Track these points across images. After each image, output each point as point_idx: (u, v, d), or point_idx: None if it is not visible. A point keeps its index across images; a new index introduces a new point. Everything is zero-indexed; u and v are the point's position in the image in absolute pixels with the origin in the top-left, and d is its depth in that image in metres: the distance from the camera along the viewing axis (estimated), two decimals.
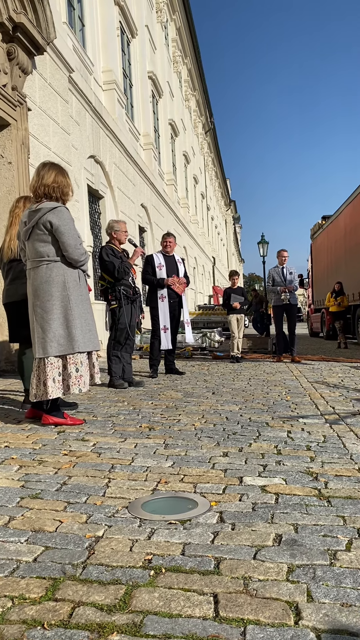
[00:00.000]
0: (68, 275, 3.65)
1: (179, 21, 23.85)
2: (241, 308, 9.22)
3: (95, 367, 3.86)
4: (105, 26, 12.29)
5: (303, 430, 3.62)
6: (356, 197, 14.17)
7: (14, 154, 6.93)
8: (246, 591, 1.56)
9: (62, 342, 3.61)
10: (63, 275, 3.63)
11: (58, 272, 3.63)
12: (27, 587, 1.59)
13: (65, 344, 3.62)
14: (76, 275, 3.71)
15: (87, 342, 3.69)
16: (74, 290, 3.65)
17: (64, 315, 3.61)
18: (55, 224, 3.58)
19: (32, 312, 3.70)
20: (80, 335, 3.63)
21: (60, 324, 3.61)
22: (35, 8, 7.15)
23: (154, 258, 7.04)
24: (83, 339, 3.65)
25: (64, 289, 3.62)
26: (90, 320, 3.77)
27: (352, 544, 1.86)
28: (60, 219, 3.60)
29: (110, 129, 11.97)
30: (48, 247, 3.62)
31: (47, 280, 3.62)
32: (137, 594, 1.54)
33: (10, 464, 2.84)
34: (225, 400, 4.98)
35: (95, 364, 3.86)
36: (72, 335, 3.61)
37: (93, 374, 3.86)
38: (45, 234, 3.61)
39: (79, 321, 3.63)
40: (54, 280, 3.62)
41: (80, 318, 3.65)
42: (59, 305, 3.61)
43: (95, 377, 3.87)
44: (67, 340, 3.61)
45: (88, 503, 2.27)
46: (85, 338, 3.68)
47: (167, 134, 20.98)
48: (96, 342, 3.81)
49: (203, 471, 2.70)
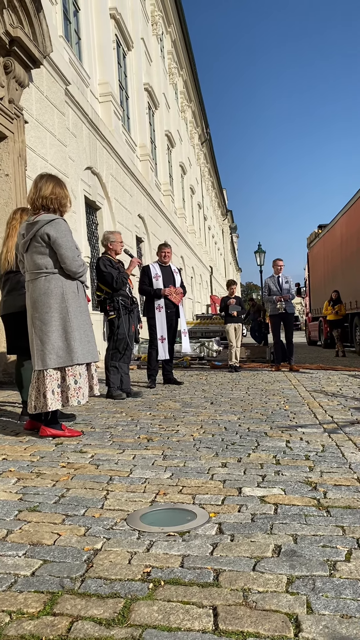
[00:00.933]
0: (66, 287, 3.65)
1: (175, 34, 24.08)
2: (239, 317, 9.22)
3: (94, 379, 3.85)
4: (101, 39, 12.40)
5: (302, 440, 3.61)
6: (352, 206, 14.25)
7: (11, 166, 6.96)
8: (246, 603, 1.55)
9: (61, 354, 3.60)
10: (61, 287, 3.63)
11: (56, 284, 3.63)
12: (25, 601, 1.58)
13: (64, 356, 3.61)
14: (74, 286, 3.71)
15: (86, 353, 3.68)
16: (73, 302, 3.65)
17: (63, 327, 3.61)
18: (53, 237, 3.58)
19: (31, 324, 3.70)
20: (79, 347, 3.62)
21: (59, 336, 3.60)
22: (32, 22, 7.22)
23: (150, 269, 7.05)
24: (82, 350, 3.65)
25: (62, 300, 3.62)
26: (89, 331, 3.77)
27: (352, 555, 1.85)
28: (58, 231, 3.61)
29: (107, 141, 12.04)
30: (46, 259, 3.63)
31: (46, 292, 3.62)
32: (136, 607, 1.53)
33: (8, 476, 2.83)
34: (223, 410, 4.97)
35: (94, 376, 3.85)
36: (71, 347, 3.60)
37: (92, 385, 3.84)
38: (43, 246, 3.61)
39: (77, 333, 3.63)
40: (53, 292, 3.61)
41: (79, 330, 3.64)
42: (58, 317, 3.60)
43: (94, 388, 3.86)
44: (66, 352, 3.61)
45: (86, 515, 2.26)
46: (84, 349, 3.67)
47: (163, 145, 21.09)
48: (95, 354, 3.80)
49: (202, 482, 2.69)
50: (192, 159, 32.38)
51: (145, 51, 18.15)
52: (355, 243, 13.79)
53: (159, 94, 19.96)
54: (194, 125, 33.13)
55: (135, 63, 16.32)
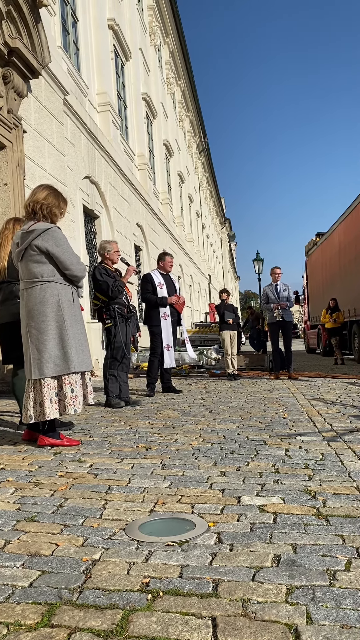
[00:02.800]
0: (62, 295, 3.66)
1: (172, 44, 24.26)
2: (234, 325, 9.22)
3: (88, 388, 3.84)
4: (99, 50, 12.49)
5: (301, 448, 3.60)
6: (350, 214, 14.31)
7: (9, 176, 6.99)
8: (245, 614, 1.53)
9: (58, 363, 3.60)
10: (57, 295, 3.63)
11: (52, 292, 3.63)
12: (22, 613, 1.56)
13: (61, 364, 3.60)
14: (70, 295, 3.72)
15: (82, 362, 3.69)
16: (68, 310, 3.65)
17: (60, 336, 3.60)
18: (49, 247, 3.59)
19: (27, 333, 3.68)
20: (75, 355, 3.62)
21: (56, 344, 3.60)
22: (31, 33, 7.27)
23: (153, 277, 7.06)
24: (78, 359, 3.65)
25: (58, 309, 3.62)
26: (84, 340, 3.77)
27: (352, 564, 1.84)
28: (55, 239, 3.62)
29: (105, 150, 12.09)
30: (41, 268, 3.63)
31: (42, 301, 3.61)
32: (135, 618, 1.52)
33: (6, 486, 2.81)
34: (222, 418, 4.96)
35: (88, 384, 3.84)
36: (67, 355, 3.60)
37: (86, 394, 3.83)
38: (38, 254, 3.61)
39: (74, 341, 3.63)
40: (48, 301, 3.61)
41: (75, 338, 3.65)
42: (54, 326, 3.60)
43: (89, 397, 3.85)
44: (62, 361, 3.60)
45: (85, 525, 2.24)
46: (80, 358, 3.67)
47: (161, 154, 21.19)
48: (89, 362, 3.80)
49: (201, 491, 2.68)
50: (190, 167, 32.52)
51: (143, 61, 18.28)
52: (353, 251, 13.83)
53: (157, 104, 20.09)
54: (192, 135, 33.31)
55: (134, 73, 16.43)
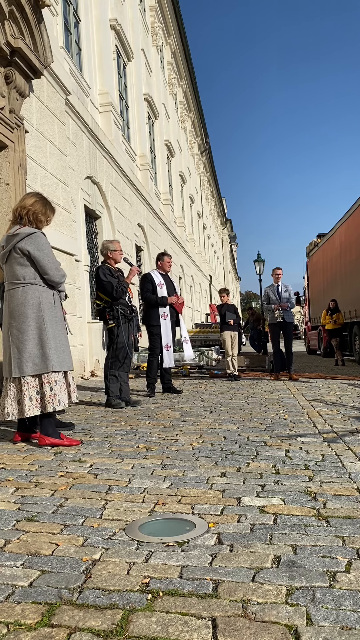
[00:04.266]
0: (43, 297, 3.77)
1: (174, 44, 24.26)
2: (235, 325, 9.21)
3: (71, 386, 3.91)
4: (101, 50, 12.50)
5: (301, 449, 3.60)
6: (351, 215, 14.30)
7: (11, 176, 6.99)
8: (245, 615, 1.53)
9: (37, 362, 3.71)
10: (38, 297, 3.75)
11: (33, 294, 3.74)
12: (22, 612, 1.56)
13: (40, 364, 3.71)
14: (51, 297, 3.82)
15: (61, 362, 3.78)
16: (49, 312, 3.76)
17: (39, 336, 3.72)
18: (31, 251, 3.70)
19: (8, 333, 3.81)
20: (54, 355, 3.72)
21: (35, 344, 3.71)
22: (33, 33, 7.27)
23: (153, 276, 7.07)
24: (57, 358, 3.74)
25: (39, 310, 3.73)
26: (65, 341, 3.88)
27: (352, 565, 1.84)
28: (38, 244, 3.73)
29: (107, 150, 12.10)
30: (24, 270, 3.75)
31: (23, 302, 3.74)
32: (134, 618, 1.52)
33: (7, 486, 2.81)
34: (223, 419, 4.95)
35: (71, 383, 3.92)
36: (46, 355, 3.70)
37: (70, 393, 3.91)
38: (21, 257, 3.74)
39: (53, 342, 3.73)
40: (29, 302, 3.73)
41: (54, 339, 3.75)
42: (34, 327, 3.72)
43: (72, 395, 3.93)
44: (41, 360, 3.71)
45: (85, 525, 2.24)
46: (60, 358, 3.77)
47: (163, 154, 21.19)
48: (70, 363, 3.90)
49: (201, 492, 2.68)
50: (192, 168, 32.53)
51: (145, 62, 18.29)
52: (354, 252, 13.83)
53: (158, 104, 20.09)
54: (194, 135, 33.31)
55: (135, 73, 16.44)
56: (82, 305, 9.89)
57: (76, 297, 9.25)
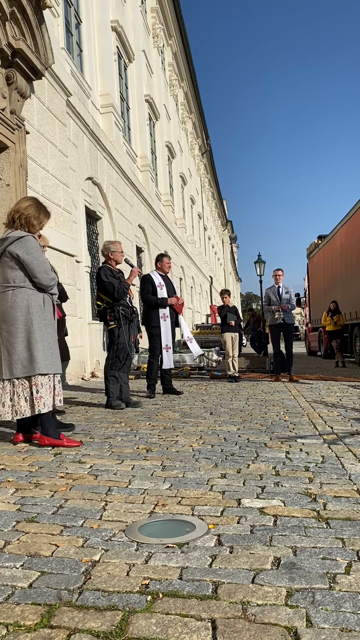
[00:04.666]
0: (32, 300, 3.79)
1: (175, 46, 24.29)
2: (236, 327, 9.22)
3: (55, 390, 3.90)
4: (102, 51, 12.51)
5: (301, 451, 3.60)
6: (352, 217, 14.30)
7: (12, 176, 6.99)
8: (245, 616, 1.53)
9: (26, 364, 3.74)
10: (27, 300, 3.77)
11: (23, 297, 3.77)
12: (22, 613, 1.56)
13: (28, 366, 3.74)
14: (41, 300, 3.83)
15: (49, 364, 3.80)
16: (37, 315, 3.78)
17: (27, 339, 3.74)
18: (20, 254, 3.73)
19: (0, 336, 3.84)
20: (41, 358, 3.74)
21: (24, 347, 3.74)
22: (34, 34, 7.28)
23: (153, 278, 7.07)
24: (45, 361, 3.76)
25: (27, 313, 3.76)
26: (53, 344, 3.89)
27: (352, 567, 1.84)
28: (27, 248, 3.74)
29: (108, 151, 12.11)
30: (14, 274, 3.78)
31: (12, 305, 3.77)
32: (134, 620, 1.52)
33: (6, 486, 2.81)
34: (223, 420, 4.95)
35: (56, 387, 3.91)
36: (33, 357, 3.73)
37: (54, 396, 3.90)
38: (11, 260, 3.77)
39: (41, 344, 3.75)
40: (19, 305, 3.76)
41: (42, 341, 3.76)
42: (23, 329, 3.75)
43: (55, 399, 3.90)
44: (29, 362, 3.74)
45: (85, 526, 2.24)
46: (48, 361, 3.78)
47: (164, 155, 21.21)
48: (58, 366, 3.91)
49: (201, 493, 2.68)
50: (193, 169, 32.54)
51: (146, 63, 18.31)
52: (355, 254, 13.83)
53: (159, 105, 20.11)
54: (195, 136, 33.34)
55: (136, 75, 16.45)
56: (82, 307, 9.90)
57: (77, 298, 9.26)
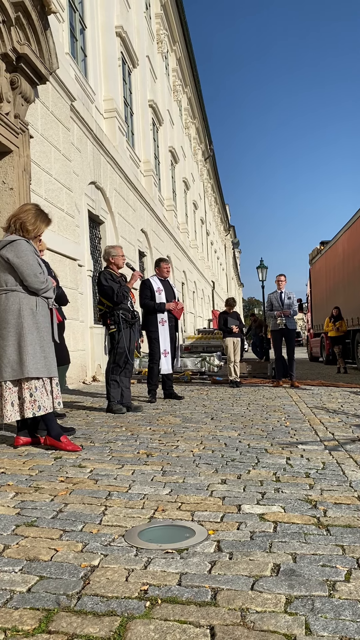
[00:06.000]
0: (24, 303, 3.79)
1: (179, 52, 24.40)
2: (238, 332, 9.22)
3: (53, 393, 3.89)
4: (106, 56, 12.57)
5: (302, 457, 3.59)
6: (354, 223, 14.31)
7: (15, 180, 7.02)
8: (243, 623, 1.53)
9: (15, 367, 3.74)
10: (19, 303, 3.77)
11: (14, 300, 3.77)
12: (20, 618, 1.56)
13: (17, 369, 3.74)
14: (33, 304, 3.82)
15: (40, 368, 3.77)
16: (28, 318, 3.78)
17: (18, 342, 3.74)
18: (10, 258, 3.74)
19: None
20: (31, 362, 3.72)
21: (14, 350, 3.74)
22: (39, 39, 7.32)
23: (152, 282, 7.07)
24: (35, 365, 3.74)
25: (18, 316, 3.76)
26: (47, 347, 3.86)
27: (352, 575, 1.83)
28: (17, 251, 3.75)
29: (111, 156, 12.15)
30: (6, 277, 3.79)
31: (4, 309, 3.78)
32: (132, 626, 1.51)
33: (6, 490, 2.81)
34: (224, 425, 4.95)
35: (54, 391, 3.90)
36: (22, 360, 3.72)
37: (53, 399, 3.89)
38: (4, 264, 3.78)
39: (31, 348, 3.74)
40: (10, 309, 3.77)
41: (32, 345, 3.75)
42: (14, 332, 3.75)
43: (54, 401, 3.91)
44: (18, 366, 3.73)
45: (84, 531, 2.24)
46: (38, 365, 3.76)
47: (167, 160, 21.26)
48: (51, 369, 3.88)
49: (201, 499, 2.67)
50: (196, 174, 32.62)
51: (150, 68, 18.39)
52: (357, 259, 13.82)
53: (163, 111, 20.18)
54: (198, 142, 33.43)
55: (140, 80, 16.52)
56: (84, 310, 9.91)
57: (78, 302, 9.27)
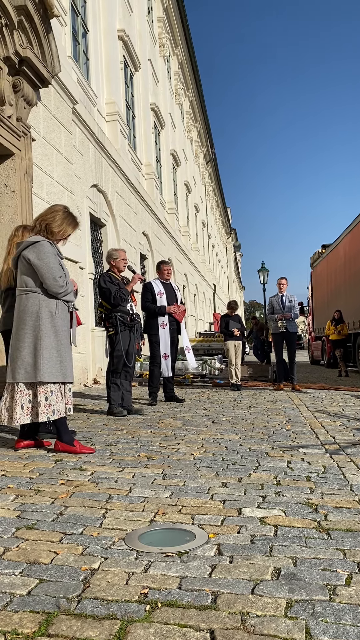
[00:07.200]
0: (43, 306, 3.75)
1: (181, 55, 24.45)
2: (239, 335, 9.22)
3: (65, 398, 3.83)
4: (109, 60, 12.60)
5: (303, 461, 3.58)
6: (356, 226, 14.31)
7: (17, 183, 7.03)
8: (244, 627, 1.52)
9: (29, 370, 3.70)
10: (37, 305, 3.74)
11: (33, 302, 3.75)
12: (20, 621, 1.56)
13: (31, 372, 3.69)
14: (53, 306, 3.78)
15: (55, 372, 3.71)
16: (47, 321, 3.73)
17: (34, 345, 3.70)
18: (31, 259, 3.72)
19: (12, 339, 3.84)
20: (46, 366, 3.67)
21: (29, 353, 3.70)
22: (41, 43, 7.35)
23: (153, 285, 7.08)
24: (50, 369, 3.68)
25: (36, 319, 3.72)
26: (64, 351, 3.81)
27: (352, 579, 1.82)
28: (39, 253, 3.73)
29: (113, 159, 12.17)
30: (27, 278, 3.78)
31: (24, 310, 3.76)
32: (132, 629, 1.51)
33: (7, 493, 2.81)
34: (225, 429, 4.94)
35: (66, 395, 3.85)
36: (37, 364, 3.68)
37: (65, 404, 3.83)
38: (25, 265, 3.77)
39: (47, 352, 3.68)
40: (29, 310, 3.74)
41: (49, 349, 3.69)
42: (30, 335, 3.71)
43: (66, 407, 3.85)
44: (32, 369, 3.69)
45: (84, 534, 2.24)
46: (54, 369, 3.70)
47: (168, 164, 21.29)
48: (67, 374, 3.82)
49: (201, 502, 2.67)
50: (197, 177, 32.66)
51: (152, 72, 18.43)
52: (359, 263, 13.82)
53: (165, 114, 20.21)
54: (199, 145, 33.48)
55: (142, 83, 16.56)
56: (85, 313, 9.91)
57: (80, 305, 9.27)
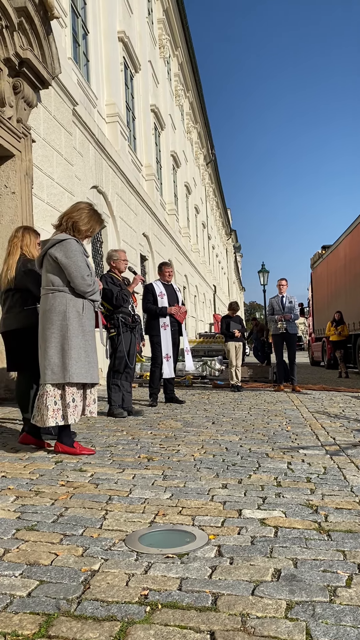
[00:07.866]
0: (70, 305, 3.67)
1: (181, 56, 24.48)
2: (240, 336, 9.22)
3: (87, 399, 3.79)
4: (109, 61, 12.62)
5: (303, 462, 3.58)
6: (356, 227, 14.31)
7: (17, 184, 7.04)
8: (244, 629, 1.52)
9: (56, 371, 3.63)
10: (65, 305, 3.66)
11: (60, 301, 3.67)
12: (20, 623, 1.56)
13: (58, 373, 3.63)
14: (80, 306, 3.71)
15: (84, 373, 3.66)
16: (74, 321, 3.66)
17: (61, 345, 3.63)
18: (59, 257, 3.65)
19: (39, 339, 3.77)
20: (74, 366, 3.61)
21: (56, 353, 3.63)
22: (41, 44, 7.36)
23: (154, 287, 7.08)
24: (78, 370, 3.63)
25: (64, 318, 3.65)
26: (91, 352, 3.75)
27: (353, 580, 1.82)
28: (67, 251, 3.65)
29: (113, 160, 12.17)
30: (54, 277, 3.70)
31: (50, 309, 3.68)
32: (133, 631, 1.51)
33: (7, 494, 2.81)
34: (225, 430, 4.94)
35: (88, 396, 3.80)
36: (65, 365, 3.61)
37: (84, 406, 3.79)
38: (52, 263, 3.69)
39: (75, 352, 3.62)
40: (56, 309, 3.66)
41: (77, 349, 3.63)
42: (58, 335, 3.64)
43: (86, 409, 3.80)
44: (60, 369, 3.62)
45: (84, 535, 2.23)
46: (82, 370, 3.65)
47: (169, 165, 21.30)
48: (94, 376, 3.77)
49: (202, 503, 2.67)
50: (197, 179, 32.67)
51: (152, 73, 18.45)
52: (359, 264, 13.82)
53: (165, 115, 20.23)
54: (200, 146, 33.51)
55: (142, 85, 16.57)
56: None
57: None
